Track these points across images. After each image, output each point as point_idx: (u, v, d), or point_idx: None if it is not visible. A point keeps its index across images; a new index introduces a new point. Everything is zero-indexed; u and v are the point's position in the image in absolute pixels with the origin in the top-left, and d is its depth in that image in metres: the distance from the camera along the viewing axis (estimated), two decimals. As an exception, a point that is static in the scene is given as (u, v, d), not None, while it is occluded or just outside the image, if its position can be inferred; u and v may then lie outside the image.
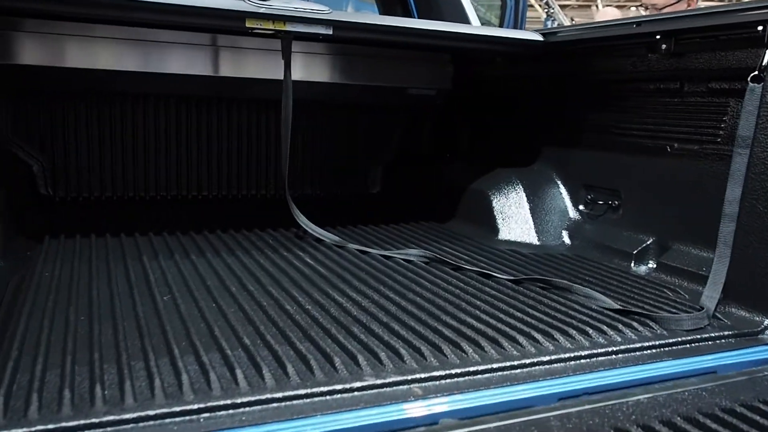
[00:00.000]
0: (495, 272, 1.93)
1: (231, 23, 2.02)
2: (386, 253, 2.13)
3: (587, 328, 1.48)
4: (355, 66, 2.88)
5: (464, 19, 3.08)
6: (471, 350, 1.34)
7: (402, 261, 2.06)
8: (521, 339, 1.40)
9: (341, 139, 3.22)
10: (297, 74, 2.75)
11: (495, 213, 2.43)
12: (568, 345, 1.40)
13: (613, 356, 1.39)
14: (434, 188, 2.94)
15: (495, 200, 2.45)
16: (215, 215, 2.76)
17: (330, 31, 2.11)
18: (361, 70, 2.90)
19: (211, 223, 2.47)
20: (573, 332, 1.45)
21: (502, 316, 1.55)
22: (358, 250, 2.17)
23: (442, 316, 1.53)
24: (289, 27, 2.07)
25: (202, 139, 2.99)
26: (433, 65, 3.01)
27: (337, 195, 3.23)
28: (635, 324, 1.52)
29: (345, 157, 3.24)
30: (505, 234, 2.38)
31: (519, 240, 2.35)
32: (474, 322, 1.49)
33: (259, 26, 2.03)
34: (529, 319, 1.53)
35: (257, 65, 2.70)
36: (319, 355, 1.31)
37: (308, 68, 2.82)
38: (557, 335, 1.43)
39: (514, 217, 2.40)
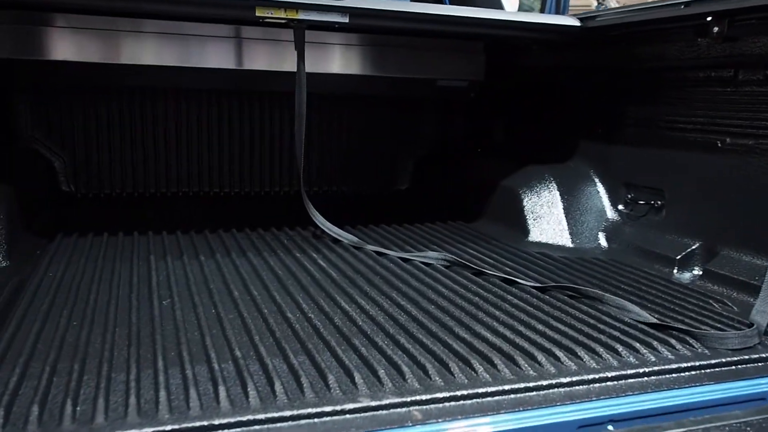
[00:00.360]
0: (519, 278, 1.77)
1: (240, 12, 1.92)
2: (405, 255, 2.00)
3: (617, 345, 1.31)
4: (381, 57, 2.75)
5: (496, 5, 2.91)
6: (482, 368, 1.20)
7: (421, 264, 1.92)
8: (540, 356, 1.25)
9: (368, 133, 3.09)
10: (320, 66, 2.65)
11: (525, 213, 2.26)
12: (593, 364, 1.24)
13: (645, 378, 1.22)
14: (464, 185, 2.79)
15: (526, 199, 2.28)
16: (233, 213, 2.67)
17: (346, 19, 1.98)
18: (386, 61, 2.76)
19: (227, 221, 2.38)
20: (600, 349, 1.29)
21: (521, 328, 1.40)
22: (375, 251, 2.04)
23: (455, 328, 1.39)
24: (302, 15, 1.95)
25: (223, 135, 2.91)
26: (464, 55, 2.85)
27: (363, 192, 3.11)
28: (673, 341, 1.35)
29: (372, 152, 3.11)
30: (535, 235, 2.22)
31: (550, 242, 2.18)
32: (489, 336, 1.35)
33: (269, 15, 1.92)
34: (551, 333, 1.37)
35: (277, 57, 2.60)
36: (312, 371, 1.18)
37: (330, 60, 2.70)
38: (581, 352, 1.27)
39: (546, 218, 2.23)
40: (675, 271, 1.90)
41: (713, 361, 1.28)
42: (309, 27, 2.08)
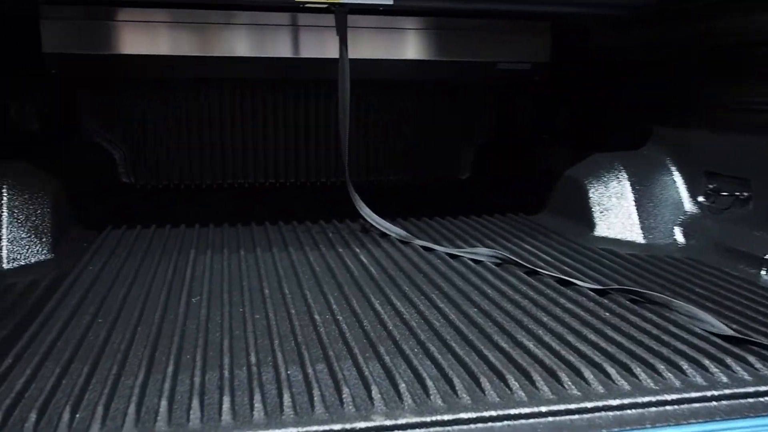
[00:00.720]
0: (577, 278, 1.60)
1: None
2: (454, 251, 1.85)
3: (681, 361, 1.13)
4: (436, 40, 2.61)
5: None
6: (517, 385, 1.05)
7: (470, 261, 1.77)
8: (587, 372, 1.09)
9: (425, 121, 2.95)
10: (370, 52, 2.54)
11: (591, 205, 2.06)
12: (651, 384, 1.07)
13: (713, 403, 1.03)
14: (526, 175, 2.60)
15: (592, 190, 2.08)
16: (282, 205, 2.60)
17: (390, 1, 1.85)
18: (442, 45, 2.61)
19: (275, 214, 2.30)
20: (660, 366, 1.11)
21: (570, 338, 1.23)
22: (423, 246, 1.91)
23: (494, 336, 1.25)
24: None
25: (279, 125, 2.86)
26: (527, 36, 2.66)
27: (421, 182, 2.97)
28: (752, 358, 1.15)
29: (430, 140, 2.97)
30: (602, 230, 2.02)
31: (618, 237, 1.98)
32: (532, 346, 1.19)
33: (310, 0, 1.81)
34: (604, 345, 1.20)
35: (334, 43, 2.51)
36: (328, 382, 1.07)
37: (381, 44, 2.58)
38: (638, 369, 1.10)
39: (614, 210, 2.03)
40: (763, 273, 1.67)
41: (800, 385, 1.08)
42: (352, 11, 1.96)
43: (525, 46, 2.67)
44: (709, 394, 1.04)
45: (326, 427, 0.94)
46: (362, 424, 0.95)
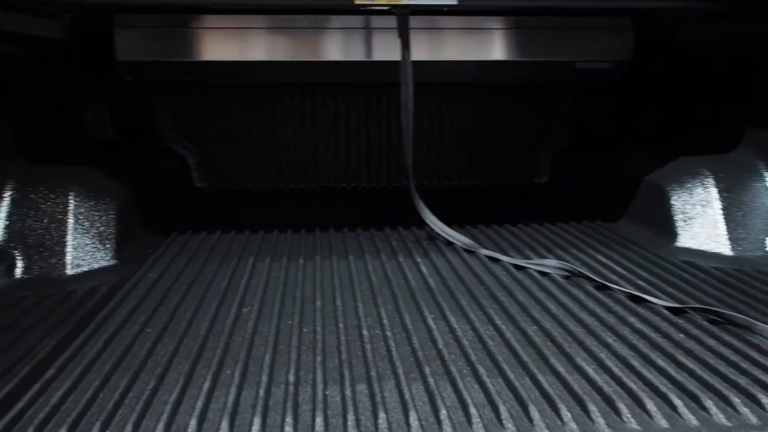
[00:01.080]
0: (651, 294, 1.47)
1: (338, 1, 1.79)
2: (520, 262, 1.76)
3: (760, 394, 1.01)
4: (511, 40, 2.50)
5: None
6: (570, 416, 0.96)
7: (536, 274, 1.67)
8: (650, 404, 0.99)
9: (501, 123, 2.85)
10: (446, 53, 2.49)
11: (673, 213, 1.91)
12: (722, 419, 0.95)
13: (796, 445, 0.92)
14: (605, 180, 2.45)
15: (675, 197, 1.93)
16: (349, 209, 2.57)
17: (454, 1, 1.78)
18: (516, 44, 2.51)
19: (341, 219, 2.28)
20: (735, 399, 1.00)
21: (635, 363, 1.13)
22: (488, 256, 1.83)
23: (551, 359, 1.16)
24: (406, 0, 1.78)
25: (351, 129, 2.84)
26: (607, 33, 2.51)
27: (494, 186, 2.88)
28: None
29: (507, 143, 2.87)
30: (684, 240, 1.86)
31: (703, 249, 1.82)
32: (592, 372, 1.10)
33: (370, 2, 1.77)
34: (673, 372, 1.09)
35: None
36: (366, 404, 1.02)
37: (451, 45, 2.50)
38: (709, 401, 0.99)
39: (699, 219, 1.87)
40: None
41: None
42: (414, 12, 1.90)
43: (605, 45, 2.52)
44: (790, 434, 0.92)
45: None
46: None
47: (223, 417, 0.98)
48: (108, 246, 1.78)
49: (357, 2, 1.77)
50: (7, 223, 1.73)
